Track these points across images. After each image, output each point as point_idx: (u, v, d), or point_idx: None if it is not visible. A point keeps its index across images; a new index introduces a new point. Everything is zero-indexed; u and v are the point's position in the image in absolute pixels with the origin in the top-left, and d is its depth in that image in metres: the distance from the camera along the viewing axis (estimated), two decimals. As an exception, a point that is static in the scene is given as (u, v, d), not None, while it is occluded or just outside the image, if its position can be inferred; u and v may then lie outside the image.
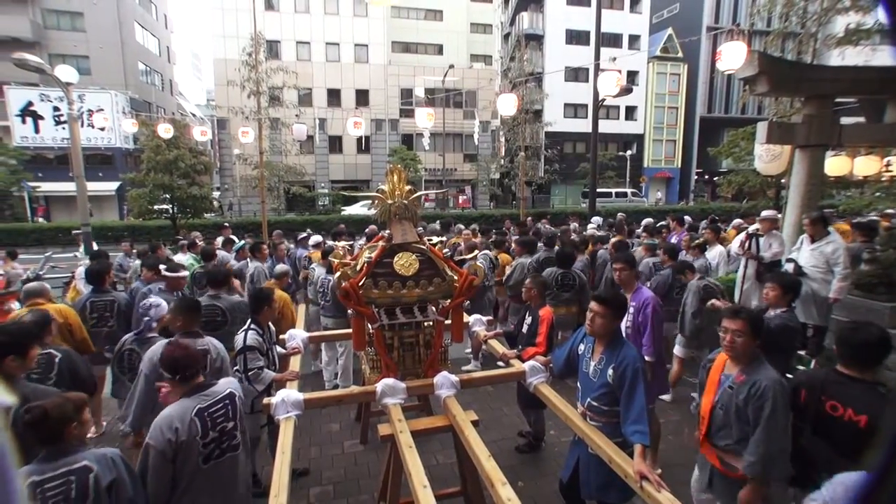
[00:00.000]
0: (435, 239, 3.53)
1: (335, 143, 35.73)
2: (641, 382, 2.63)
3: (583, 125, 34.80)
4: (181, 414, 2.43)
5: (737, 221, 8.67)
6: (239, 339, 3.53)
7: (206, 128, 17.07)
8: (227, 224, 12.65)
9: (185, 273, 5.15)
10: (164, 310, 3.72)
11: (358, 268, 3.27)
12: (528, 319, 4.26)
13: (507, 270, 6.33)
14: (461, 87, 34.53)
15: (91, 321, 4.53)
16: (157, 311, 3.74)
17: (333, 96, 34.84)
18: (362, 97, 34.98)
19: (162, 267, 5.11)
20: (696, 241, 6.06)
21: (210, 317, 4.42)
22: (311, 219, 23.95)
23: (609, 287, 5.74)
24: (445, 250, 3.39)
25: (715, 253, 6.53)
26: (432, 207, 30.18)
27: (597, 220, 10.86)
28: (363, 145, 33.92)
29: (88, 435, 2.67)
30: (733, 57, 5.64)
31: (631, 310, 3.78)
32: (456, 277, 3.29)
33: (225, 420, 2.56)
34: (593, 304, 2.81)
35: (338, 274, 3.10)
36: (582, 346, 3.00)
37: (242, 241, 7.66)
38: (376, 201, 3.38)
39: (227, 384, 2.66)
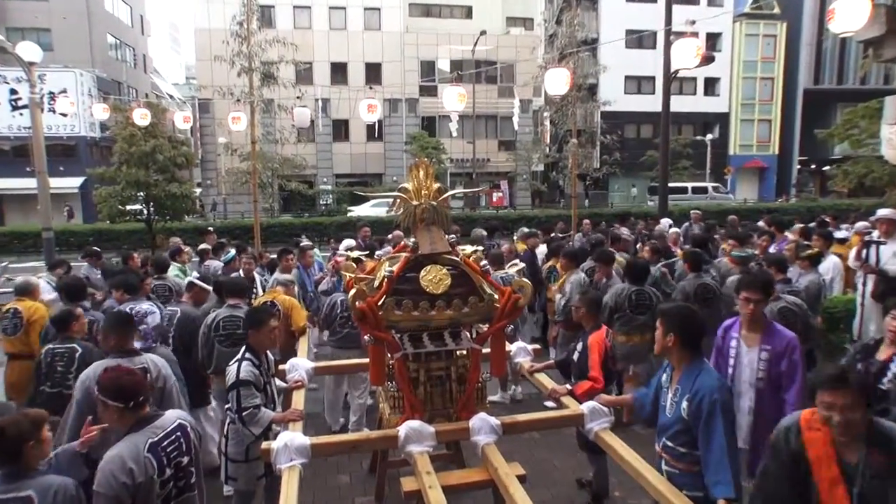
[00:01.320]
0: (469, 248, 3.58)
1: (340, 129, 36.15)
2: (720, 418, 2.63)
3: (649, 103, 34.53)
4: (133, 452, 2.50)
5: (861, 225, 8.46)
6: (231, 372, 3.61)
7: (188, 112, 17.62)
8: (211, 228, 13.00)
9: (210, 287, 5.60)
10: (159, 318, 4.08)
11: (376, 284, 3.32)
12: (580, 346, 4.27)
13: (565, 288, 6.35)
14: (495, 58, 34.72)
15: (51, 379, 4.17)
16: (153, 320, 4.00)
17: (339, 72, 35.43)
18: (374, 73, 35.48)
19: (195, 275, 5.59)
20: (807, 252, 5.88)
21: (230, 329, 4.74)
22: (311, 221, 24.41)
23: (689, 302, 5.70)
24: (483, 262, 3.41)
25: (828, 266, 6.39)
26: (459, 208, 30.30)
27: (666, 222, 10.77)
28: (375, 131, 34.40)
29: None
30: (852, 14, 5.26)
31: (764, 355, 3.58)
32: (496, 296, 3.32)
33: (179, 455, 2.66)
34: (658, 321, 2.96)
35: (352, 292, 3.16)
36: (664, 377, 3.08)
37: (231, 252, 7.85)
38: (398, 202, 3.46)
39: (175, 415, 2.79)
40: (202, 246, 9.37)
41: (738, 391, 3.62)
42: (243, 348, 3.76)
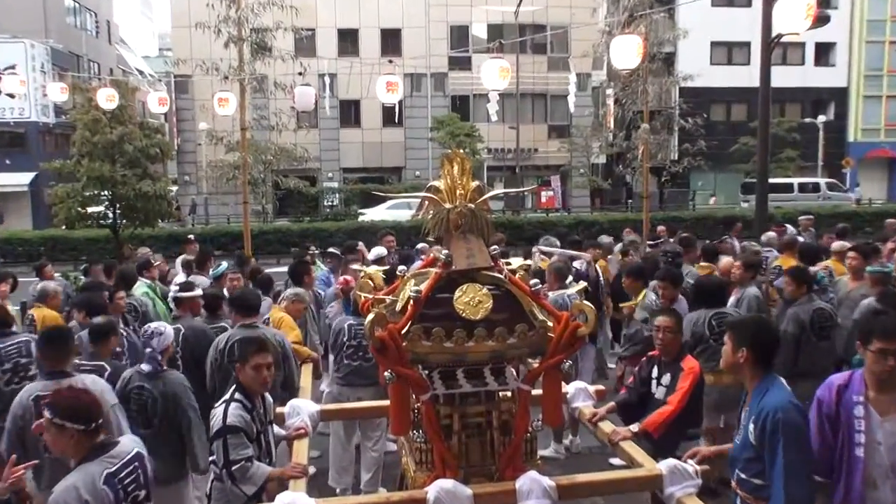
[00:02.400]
0: (515, 262, 3.61)
1: (350, 113, 36.51)
2: (781, 439, 2.89)
3: (743, 76, 34.19)
4: (88, 484, 2.70)
5: None
6: (216, 416, 3.68)
7: (163, 93, 18.01)
8: (192, 237, 13.21)
9: (199, 291, 6.16)
10: (170, 338, 4.50)
11: (399, 307, 3.35)
12: (666, 378, 4.33)
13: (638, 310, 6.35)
14: (545, 21, 34.74)
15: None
16: (160, 341, 4.37)
17: (348, 40, 35.89)
18: (392, 42, 35.87)
19: (174, 288, 6.05)
20: None
21: None
22: (313, 227, 24.73)
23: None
24: (535, 282, 3.43)
25: None
26: (499, 211, 30.33)
27: (770, 235, 10.70)
28: (393, 115, 34.59)
29: None
30: None
31: None
32: (550, 323, 3.34)
33: (137, 488, 2.91)
34: (727, 335, 3.33)
35: (369, 317, 3.20)
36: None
37: (223, 265, 8.09)
38: (426, 205, 3.50)
39: (132, 443, 3.06)
40: (183, 257, 9.61)
41: (872, 480, 3.24)
42: (232, 387, 3.83)
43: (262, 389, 3.89)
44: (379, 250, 8.74)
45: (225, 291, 7.13)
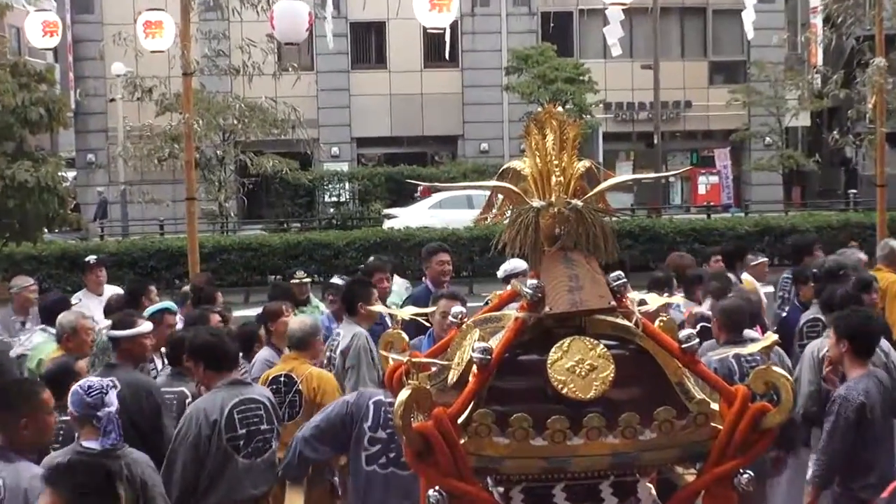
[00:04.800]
0: (653, 300, 3.69)
1: (368, 44, 36.73)
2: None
3: None
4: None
5: None
6: None
7: (52, 14, 18.33)
8: (93, 259, 13.28)
9: (149, 327, 6.91)
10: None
11: (453, 377, 3.41)
12: None
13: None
14: None
15: None
16: (112, 399, 4.84)
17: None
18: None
19: (101, 328, 6.95)
20: None
21: (252, 424, 5.96)
22: (305, 239, 24.40)
23: None
24: (688, 334, 3.41)
25: None
26: (626, 211, 29.92)
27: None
28: (442, 47, 34.23)
29: None
30: None
31: None
32: (715, 405, 3.34)
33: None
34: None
35: (402, 395, 3.21)
36: None
37: (161, 304, 8.50)
38: (501, 201, 3.58)
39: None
40: (113, 294, 9.89)
41: None
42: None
43: None
44: (401, 282, 8.93)
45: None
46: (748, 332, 7.48)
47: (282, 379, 7.08)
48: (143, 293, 9.42)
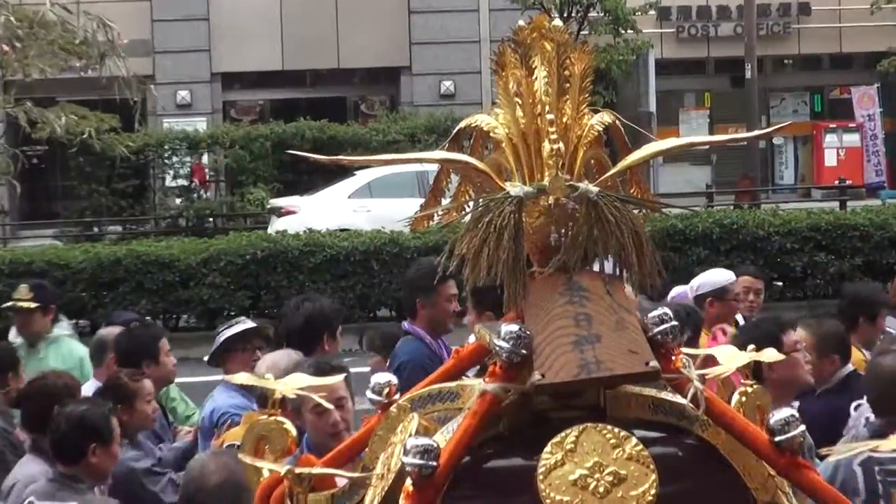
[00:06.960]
0: (736, 356, 2.86)
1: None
2: None
3: None
4: None
5: None
6: None
7: None
8: None
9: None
10: None
11: (374, 502, 2.65)
12: None
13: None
14: None
15: None
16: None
17: None
18: None
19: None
20: None
21: None
22: (133, 254, 18.30)
23: None
24: (786, 417, 2.50)
25: None
26: (682, 199, 24.71)
27: None
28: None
29: None
30: None
31: None
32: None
33: None
34: None
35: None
36: None
37: None
38: (458, 184, 2.91)
39: None
40: None
41: None
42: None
43: None
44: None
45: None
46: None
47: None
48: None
